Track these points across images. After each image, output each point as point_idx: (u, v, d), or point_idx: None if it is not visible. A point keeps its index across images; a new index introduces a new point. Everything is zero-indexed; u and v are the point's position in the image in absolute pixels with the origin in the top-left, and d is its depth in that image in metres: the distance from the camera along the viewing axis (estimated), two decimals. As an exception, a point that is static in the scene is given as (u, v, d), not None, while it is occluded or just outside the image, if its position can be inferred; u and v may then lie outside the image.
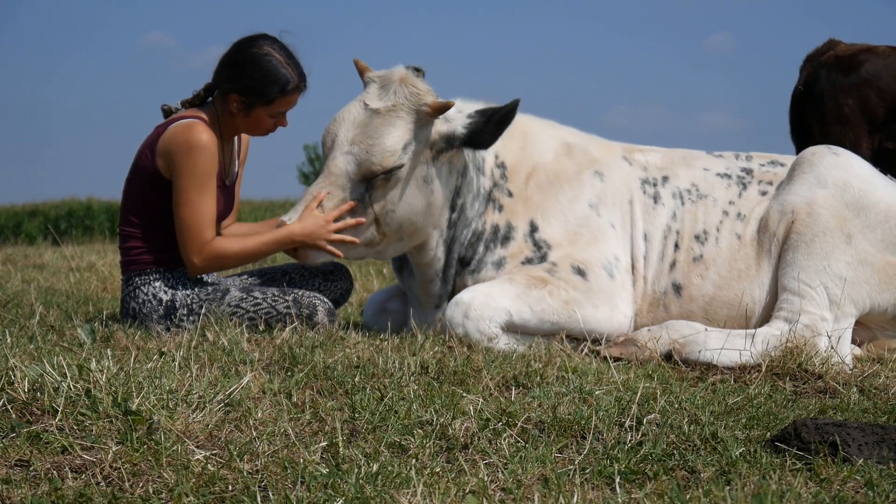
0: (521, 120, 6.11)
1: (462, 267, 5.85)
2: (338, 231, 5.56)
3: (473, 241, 5.84)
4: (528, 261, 5.76)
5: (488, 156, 5.92)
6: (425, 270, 5.89)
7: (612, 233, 5.88)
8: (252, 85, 5.57)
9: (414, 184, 5.67)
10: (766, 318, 5.70)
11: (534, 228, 5.83)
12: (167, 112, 5.80)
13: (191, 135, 5.50)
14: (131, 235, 5.70)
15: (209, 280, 5.79)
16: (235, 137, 5.89)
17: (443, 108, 5.61)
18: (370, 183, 5.60)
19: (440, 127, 5.69)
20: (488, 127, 5.64)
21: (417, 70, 5.85)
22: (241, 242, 5.61)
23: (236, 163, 5.94)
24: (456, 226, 5.85)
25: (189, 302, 5.57)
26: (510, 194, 5.90)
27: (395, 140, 5.58)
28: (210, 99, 5.77)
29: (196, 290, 5.61)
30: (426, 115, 5.63)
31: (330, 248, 5.57)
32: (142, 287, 5.64)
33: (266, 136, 5.82)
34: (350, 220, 5.60)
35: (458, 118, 5.72)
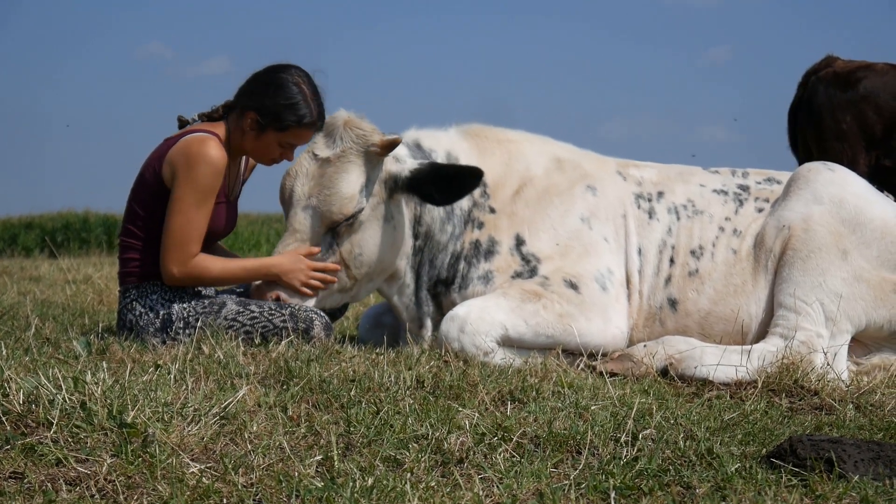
0: (505, 136, 6.15)
1: (446, 287, 5.86)
2: (314, 279, 5.65)
3: (453, 262, 5.86)
4: (518, 275, 5.76)
5: None
6: (398, 297, 5.92)
7: (606, 246, 5.88)
8: (271, 107, 5.56)
9: (376, 224, 5.73)
10: (762, 333, 5.70)
11: (520, 242, 5.83)
12: (183, 122, 5.82)
13: (202, 148, 5.51)
14: (131, 247, 5.69)
15: (206, 292, 5.78)
16: (242, 157, 5.89)
17: (391, 145, 5.66)
18: (335, 231, 5.67)
19: (390, 166, 5.75)
20: (433, 179, 5.66)
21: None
22: (223, 264, 5.63)
23: (240, 181, 5.94)
24: (423, 252, 5.89)
25: (185, 315, 5.57)
26: (492, 210, 5.91)
27: (350, 186, 5.63)
28: (226, 116, 5.77)
29: (193, 303, 5.60)
30: (376, 155, 5.66)
31: (303, 289, 5.63)
32: (139, 299, 5.63)
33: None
34: (329, 265, 5.65)
35: (407, 161, 5.76)
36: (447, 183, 5.64)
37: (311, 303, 5.67)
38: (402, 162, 5.74)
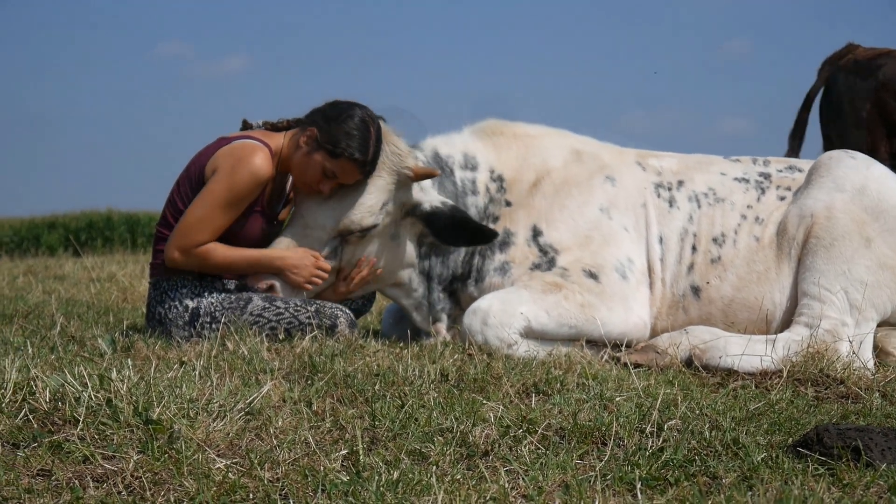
0: (522, 131, 6.14)
1: (462, 283, 5.87)
2: (316, 276, 5.65)
3: (467, 259, 5.85)
4: (536, 266, 5.75)
5: (480, 174, 5.92)
6: (406, 300, 5.94)
7: (626, 236, 5.87)
8: (333, 131, 5.52)
9: (383, 240, 5.76)
10: (787, 322, 5.68)
11: (537, 233, 5.82)
12: (246, 126, 5.84)
13: (249, 156, 5.52)
14: (166, 238, 5.71)
15: (234, 288, 5.77)
16: (289, 175, 5.86)
17: (426, 176, 5.66)
18: (344, 238, 5.65)
19: (414, 192, 5.74)
20: (447, 224, 5.69)
21: (380, 119, 5.85)
22: (227, 252, 5.59)
23: (284, 198, 5.92)
24: (430, 256, 5.87)
25: (212, 310, 5.58)
26: (508, 204, 5.90)
27: (375, 200, 5.65)
28: (288, 129, 5.77)
29: (220, 298, 5.61)
30: (407, 179, 5.66)
31: (306, 286, 5.65)
32: (169, 292, 5.65)
33: None
34: (329, 266, 5.67)
35: (430, 195, 5.76)
36: (459, 230, 5.68)
37: (326, 284, 5.72)
38: (426, 192, 5.74)
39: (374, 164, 5.59)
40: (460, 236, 5.70)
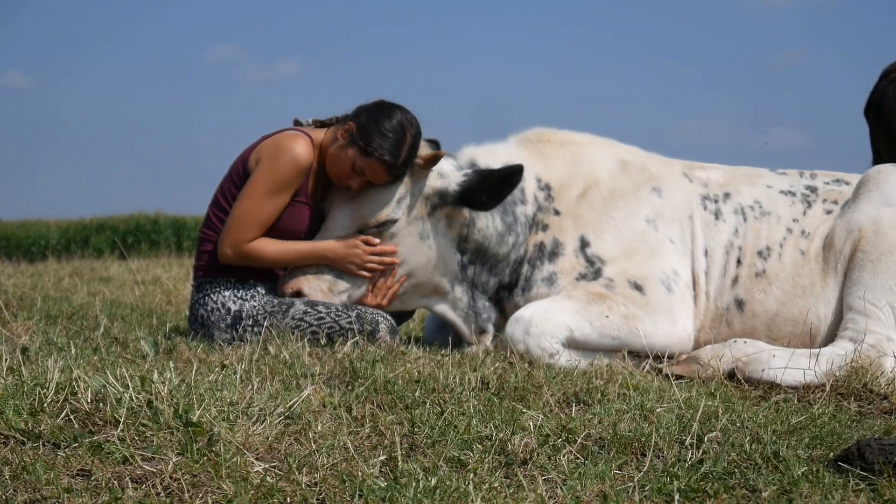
0: (569, 138, 6.12)
1: (509, 291, 5.85)
2: (372, 262, 5.67)
3: (515, 268, 5.83)
4: (582, 276, 5.73)
5: (528, 182, 5.89)
6: (451, 311, 5.90)
7: (672, 248, 5.84)
8: (370, 130, 5.55)
9: (410, 239, 5.74)
10: (831, 336, 5.64)
11: (585, 244, 5.80)
12: (296, 124, 5.88)
13: (289, 143, 5.61)
14: (209, 239, 5.76)
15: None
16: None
17: (433, 160, 5.65)
18: (364, 236, 5.66)
19: (434, 181, 5.72)
20: (482, 187, 5.64)
21: (431, 142, 5.86)
22: (278, 247, 5.64)
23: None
24: (474, 265, 5.84)
25: (255, 313, 5.61)
26: (556, 213, 5.88)
27: (387, 192, 5.65)
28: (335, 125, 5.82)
29: (263, 301, 5.63)
30: (418, 168, 5.66)
31: (361, 273, 5.66)
32: (211, 295, 5.69)
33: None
34: (387, 248, 5.67)
35: (453, 175, 5.73)
36: (495, 187, 5.64)
37: (357, 293, 5.71)
38: (446, 177, 5.73)
39: (405, 168, 5.62)
40: (500, 191, 5.66)
